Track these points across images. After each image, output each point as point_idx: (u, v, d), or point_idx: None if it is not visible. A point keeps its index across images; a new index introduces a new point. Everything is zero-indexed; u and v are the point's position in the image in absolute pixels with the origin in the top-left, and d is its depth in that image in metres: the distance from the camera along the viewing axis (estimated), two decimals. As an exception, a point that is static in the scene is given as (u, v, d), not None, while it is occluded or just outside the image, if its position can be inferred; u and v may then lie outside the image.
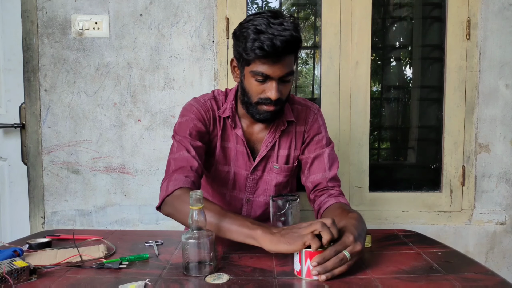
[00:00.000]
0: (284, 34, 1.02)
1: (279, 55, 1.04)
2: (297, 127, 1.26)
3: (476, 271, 0.89)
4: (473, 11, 1.88)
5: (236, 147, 1.24)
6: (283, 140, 1.25)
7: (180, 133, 1.18)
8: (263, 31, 1.03)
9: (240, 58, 1.11)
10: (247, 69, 1.10)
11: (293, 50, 1.07)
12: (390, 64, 2.28)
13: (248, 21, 1.08)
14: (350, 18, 1.90)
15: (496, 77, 1.90)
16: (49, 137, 1.93)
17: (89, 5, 1.88)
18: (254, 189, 1.28)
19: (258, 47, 1.03)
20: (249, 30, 1.05)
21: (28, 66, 1.90)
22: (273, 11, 1.09)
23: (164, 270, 0.91)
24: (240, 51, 1.09)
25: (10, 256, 0.90)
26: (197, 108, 1.21)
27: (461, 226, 1.95)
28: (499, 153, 1.92)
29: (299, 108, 1.28)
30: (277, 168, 1.25)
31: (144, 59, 1.90)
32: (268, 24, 1.03)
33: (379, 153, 2.33)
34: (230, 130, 1.23)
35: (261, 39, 1.02)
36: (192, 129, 1.18)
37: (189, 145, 1.14)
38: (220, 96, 1.25)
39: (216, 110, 1.22)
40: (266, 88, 1.09)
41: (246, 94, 1.14)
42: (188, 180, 1.08)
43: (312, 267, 0.84)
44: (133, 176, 1.94)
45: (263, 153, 1.23)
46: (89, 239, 1.11)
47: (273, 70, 1.06)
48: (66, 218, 1.96)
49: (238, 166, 1.25)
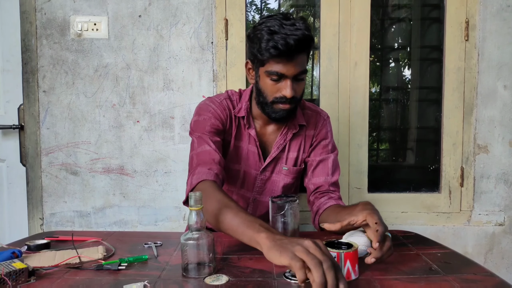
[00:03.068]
0: (296, 34, 1.07)
1: (292, 53, 1.08)
2: (307, 131, 1.30)
3: (475, 272, 0.89)
4: (472, 12, 1.89)
5: (248, 147, 1.27)
6: (293, 142, 1.29)
7: (198, 130, 1.21)
8: (277, 31, 1.07)
9: (255, 60, 1.16)
10: (261, 70, 1.15)
11: (306, 48, 1.12)
12: (389, 65, 2.28)
13: (261, 23, 1.12)
14: (349, 19, 1.91)
15: (494, 78, 1.90)
16: (48, 138, 1.92)
17: (88, 6, 1.88)
18: (262, 189, 1.31)
19: (273, 46, 1.07)
20: (263, 31, 1.10)
21: (26, 67, 1.90)
22: (284, 13, 1.14)
23: (163, 271, 0.90)
24: (255, 52, 1.14)
25: (8, 258, 0.90)
26: (213, 107, 1.24)
27: (460, 227, 1.95)
28: (498, 154, 1.93)
29: (309, 113, 1.32)
30: (286, 170, 1.29)
31: (143, 60, 1.90)
32: (281, 25, 1.08)
33: (378, 154, 2.33)
34: (243, 129, 1.27)
35: (275, 38, 1.07)
36: (210, 126, 1.21)
37: (209, 140, 1.18)
38: (235, 96, 1.29)
39: (232, 109, 1.26)
40: (281, 87, 1.13)
41: (261, 94, 1.18)
42: (211, 172, 1.09)
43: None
44: (132, 177, 1.93)
45: (274, 154, 1.27)
46: (88, 241, 1.11)
47: (287, 68, 1.10)
48: (64, 220, 1.95)
49: (249, 165, 1.28)
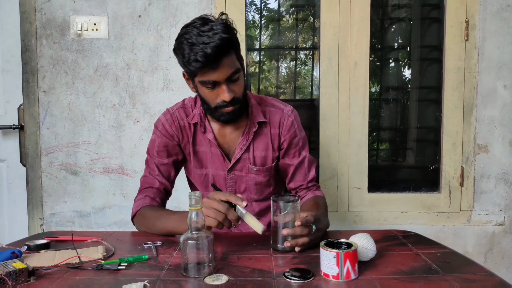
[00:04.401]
0: (214, 40, 1.05)
1: (215, 60, 1.07)
2: (271, 129, 1.29)
3: (475, 271, 0.89)
4: (471, 12, 1.89)
5: (210, 150, 1.28)
6: (257, 142, 1.28)
7: (149, 152, 1.31)
8: (195, 42, 1.06)
9: (186, 71, 1.16)
10: (196, 80, 1.14)
11: (228, 50, 1.09)
12: (388, 65, 2.28)
13: (181, 35, 1.11)
14: (349, 19, 1.91)
15: (494, 78, 1.90)
16: (48, 139, 1.92)
17: (87, 6, 1.88)
18: (234, 187, 1.31)
19: (194, 60, 1.06)
20: (183, 44, 1.09)
21: (26, 67, 1.90)
22: (203, 17, 1.12)
23: (163, 271, 0.90)
24: (183, 66, 1.14)
25: (8, 258, 0.90)
26: (162, 122, 1.29)
27: (460, 227, 1.95)
28: (498, 153, 1.93)
29: (272, 110, 1.30)
30: (256, 170, 1.29)
31: (143, 60, 1.90)
32: (198, 34, 1.06)
33: (378, 154, 2.33)
34: (201, 135, 1.27)
35: (194, 51, 1.06)
36: (158, 146, 1.28)
37: (153, 165, 1.29)
38: (190, 103, 1.31)
39: (185, 118, 1.28)
40: (218, 93, 1.13)
41: (205, 102, 1.19)
42: (147, 198, 1.25)
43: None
44: (132, 177, 1.93)
45: (238, 155, 1.27)
46: (87, 241, 1.11)
47: (217, 75, 1.10)
48: (64, 220, 1.95)
49: (216, 168, 1.29)
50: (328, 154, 1.93)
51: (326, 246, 0.87)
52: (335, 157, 1.95)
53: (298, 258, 0.97)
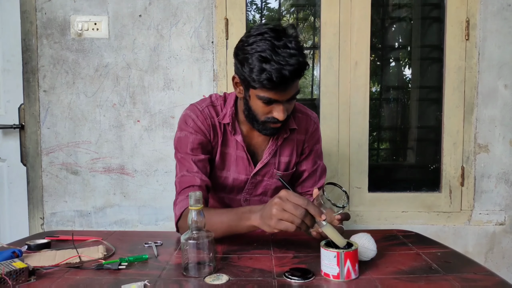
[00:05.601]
0: (292, 63, 0.98)
1: (287, 83, 1.02)
2: (297, 135, 1.27)
3: (476, 271, 0.89)
4: (472, 11, 1.89)
5: (236, 152, 1.24)
6: (284, 147, 1.26)
7: (181, 149, 1.19)
8: (269, 59, 0.98)
9: (245, 81, 1.06)
10: (252, 91, 1.07)
11: (301, 74, 1.04)
12: (389, 65, 2.28)
13: (250, 44, 1.02)
14: (349, 18, 1.91)
15: (495, 77, 1.90)
16: (48, 138, 1.93)
17: (88, 6, 1.88)
18: (252, 191, 1.29)
19: (267, 78, 0.99)
20: (253, 57, 1.00)
21: (27, 67, 1.90)
22: (274, 28, 1.02)
23: (164, 271, 0.90)
24: (245, 76, 1.04)
25: (9, 257, 0.90)
26: (193, 119, 1.19)
27: (461, 227, 1.95)
28: (498, 153, 1.93)
29: (300, 116, 1.28)
30: (279, 175, 1.25)
31: (143, 59, 1.90)
32: (273, 50, 0.98)
33: (379, 153, 2.33)
34: (230, 135, 1.22)
35: (268, 70, 0.98)
36: (193, 143, 1.17)
37: (191, 162, 1.16)
38: (219, 101, 1.23)
39: (215, 117, 1.21)
40: (273, 109, 1.08)
41: (251, 112, 1.12)
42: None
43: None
44: (132, 177, 1.93)
45: (266, 160, 1.24)
46: (88, 240, 1.11)
47: (280, 95, 1.04)
48: (65, 219, 1.95)
49: (238, 171, 1.25)
50: (329, 154, 1.93)
51: (327, 246, 0.87)
52: (335, 157, 1.95)
53: (299, 258, 0.97)
